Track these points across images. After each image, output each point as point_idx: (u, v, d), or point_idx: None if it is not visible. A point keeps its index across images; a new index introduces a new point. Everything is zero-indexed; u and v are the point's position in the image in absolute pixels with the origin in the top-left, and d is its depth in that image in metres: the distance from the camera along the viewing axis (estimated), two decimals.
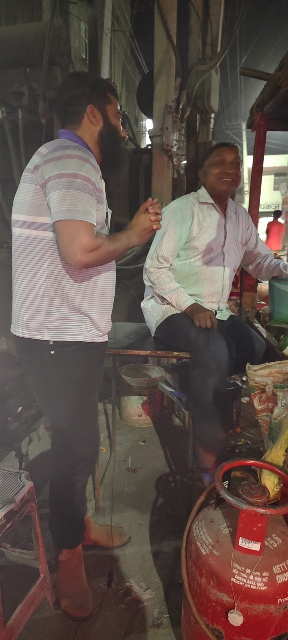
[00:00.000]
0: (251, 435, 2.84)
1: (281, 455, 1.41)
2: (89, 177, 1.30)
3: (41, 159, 1.33)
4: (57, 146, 1.34)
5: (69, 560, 1.62)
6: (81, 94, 1.46)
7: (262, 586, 1.09)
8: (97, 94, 1.48)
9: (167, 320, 2.10)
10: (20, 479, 1.46)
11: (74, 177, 1.27)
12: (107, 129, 1.50)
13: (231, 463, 1.32)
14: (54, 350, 1.40)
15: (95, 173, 1.35)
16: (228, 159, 2.08)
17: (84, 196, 1.28)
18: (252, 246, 2.37)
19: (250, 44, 26.55)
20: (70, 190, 1.26)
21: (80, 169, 1.29)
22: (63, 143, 1.36)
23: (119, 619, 1.54)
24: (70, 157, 1.30)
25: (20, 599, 1.43)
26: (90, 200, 1.30)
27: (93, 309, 1.46)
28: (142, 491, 2.26)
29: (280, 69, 2.04)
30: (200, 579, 1.18)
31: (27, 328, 1.40)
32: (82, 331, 1.44)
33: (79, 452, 1.52)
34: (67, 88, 1.47)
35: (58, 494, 1.58)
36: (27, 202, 1.36)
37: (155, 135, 4.05)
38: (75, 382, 1.45)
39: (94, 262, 1.31)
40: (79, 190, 1.27)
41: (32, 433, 2.78)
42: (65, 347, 1.41)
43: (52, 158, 1.30)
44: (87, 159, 1.32)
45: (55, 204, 1.27)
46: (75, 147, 1.35)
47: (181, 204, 2.14)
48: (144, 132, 12.54)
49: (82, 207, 1.27)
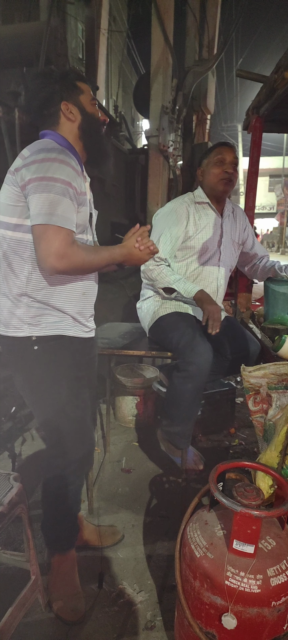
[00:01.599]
0: (245, 436, 2.84)
1: (275, 456, 1.41)
2: (70, 181, 1.29)
3: (22, 161, 1.32)
4: (40, 148, 1.32)
5: (62, 563, 1.60)
6: (52, 93, 1.43)
7: (256, 589, 1.08)
8: (67, 88, 1.45)
9: (157, 322, 2.10)
10: (9, 481, 1.44)
11: (54, 181, 1.26)
12: (85, 121, 1.47)
13: (225, 465, 1.31)
14: (37, 345, 1.38)
15: (76, 177, 1.33)
16: (228, 159, 2.08)
17: (64, 201, 1.27)
18: (249, 247, 2.37)
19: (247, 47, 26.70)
20: (50, 194, 1.25)
21: (61, 173, 1.27)
22: (47, 145, 1.34)
23: (111, 622, 1.52)
24: (52, 159, 1.28)
25: (11, 602, 1.42)
26: (71, 206, 1.29)
27: (74, 309, 1.45)
28: (136, 492, 2.25)
29: (276, 71, 2.04)
30: (194, 582, 1.17)
31: (9, 326, 1.39)
32: (66, 325, 1.43)
33: (70, 452, 1.49)
34: (37, 90, 1.43)
35: (50, 496, 1.56)
36: (9, 204, 1.34)
37: (152, 136, 4.06)
38: (60, 377, 1.43)
39: (67, 269, 1.29)
40: (58, 195, 1.26)
41: (25, 433, 2.76)
42: (49, 341, 1.40)
43: (33, 160, 1.29)
44: (69, 163, 1.31)
45: (35, 207, 1.26)
46: (59, 150, 1.33)
47: (175, 205, 2.13)
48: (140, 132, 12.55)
49: (61, 212, 1.26)
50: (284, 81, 1.95)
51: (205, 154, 2.19)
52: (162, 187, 4.11)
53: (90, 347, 1.59)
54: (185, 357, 1.86)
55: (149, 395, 2.97)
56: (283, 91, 2.04)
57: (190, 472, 2.15)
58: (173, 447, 2.01)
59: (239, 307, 2.71)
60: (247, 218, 2.40)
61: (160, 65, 3.99)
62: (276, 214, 28.45)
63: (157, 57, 4.00)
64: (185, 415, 1.91)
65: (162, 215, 2.14)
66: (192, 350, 1.85)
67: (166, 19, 3.93)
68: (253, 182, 2.68)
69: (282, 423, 1.40)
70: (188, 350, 1.85)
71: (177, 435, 1.96)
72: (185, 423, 1.92)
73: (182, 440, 1.96)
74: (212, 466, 1.31)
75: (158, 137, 3.97)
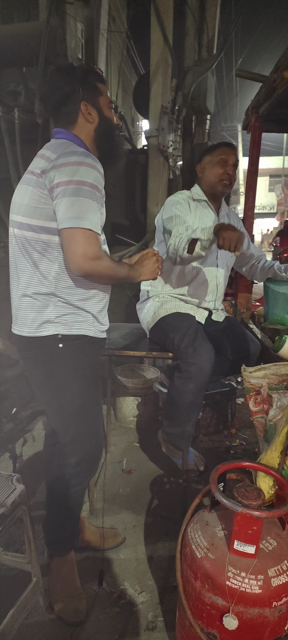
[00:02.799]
0: (246, 437, 2.84)
1: (276, 457, 1.41)
2: (97, 184, 1.31)
3: (49, 163, 1.32)
4: (65, 151, 1.33)
5: (62, 565, 1.60)
6: (72, 91, 1.42)
7: (257, 589, 1.08)
8: (87, 88, 1.44)
9: (158, 323, 2.09)
10: (11, 482, 1.44)
11: (82, 185, 1.27)
12: (102, 124, 1.48)
13: (226, 465, 1.31)
14: (62, 343, 1.40)
15: (100, 178, 1.34)
16: (230, 160, 2.07)
17: (92, 204, 1.29)
18: (245, 247, 2.38)
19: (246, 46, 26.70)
20: (79, 198, 1.26)
21: (89, 176, 1.29)
22: (68, 147, 1.35)
23: (112, 622, 1.52)
24: (80, 163, 1.30)
25: (13, 603, 1.42)
26: (95, 207, 1.30)
27: (96, 308, 1.47)
28: (137, 493, 2.25)
29: (276, 71, 2.04)
30: (195, 582, 1.17)
31: (34, 327, 1.40)
32: (88, 326, 1.45)
33: (84, 450, 1.51)
34: (57, 86, 1.43)
35: (56, 495, 1.57)
36: (31, 205, 1.34)
37: (151, 136, 4.05)
38: (81, 375, 1.45)
39: (95, 271, 1.32)
40: (86, 198, 1.27)
41: (26, 434, 2.76)
42: (73, 340, 1.42)
43: (61, 163, 1.30)
44: (95, 166, 1.32)
45: (63, 211, 1.27)
46: (84, 153, 1.34)
47: (178, 197, 2.12)
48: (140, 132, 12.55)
49: (89, 216, 1.27)
50: (283, 81, 1.95)
51: (207, 151, 2.15)
52: (162, 187, 4.11)
53: (103, 347, 1.62)
54: (186, 358, 1.85)
55: (150, 396, 2.97)
56: (283, 91, 2.03)
57: (191, 473, 2.15)
58: (173, 448, 2.01)
59: (239, 308, 2.71)
60: (240, 221, 2.42)
61: (160, 65, 3.98)
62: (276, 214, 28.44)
63: (157, 58, 4.00)
64: (186, 416, 1.91)
65: (168, 204, 2.09)
66: (193, 350, 1.84)
67: (165, 19, 3.93)
68: (252, 182, 2.68)
69: (282, 423, 1.40)
70: (190, 351, 1.85)
71: (178, 436, 1.95)
72: (185, 424, 1.92)
73: (183, 441, 1.96)
74: (212, 467, 1.31)
75: (158, 137, 3.96)
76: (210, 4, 4.79)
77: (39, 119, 3.81)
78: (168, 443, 2.02)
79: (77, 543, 1.68)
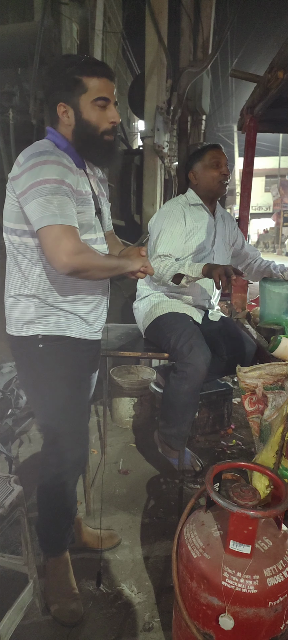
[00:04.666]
0: (242, 437, 2.85)
1: (271, 457, 1.41)
2: (62, 179, 1.26)
3: (19, 168, 1.30)
4: (31, 154, 1.28)
5: (57, 566, 1.60)
6: (53, 88, 1.35)
7: (253, 589, 1.08)
8: (67, 86, 1.33)
9: (154, 322, 2.10)
10: (9, 484, 1.44)
11: (45, 183, 1.23)
12: (79, 127, 1.36)
13: (221, 465, 1.31)
14: (42, 344, 1.40)
15: (70, 174, 1.30)
16: (223, 161, 2.11)
17: (61, 199, 1.25)
18: (239, 247, 2.40)
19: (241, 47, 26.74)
20: (47, 196, 1.23)
21: (51, 173, 1.24)
22: (38, 148, 1.30)
23: (109, 623, 1.52)
24: (42, 163, 1.25)
25: (9, 605, 1.41)
26: (69, 203, 1.27)
27: (83, 310, 1.46)
28: (133, 493, 2.25)
29: (270, 71, 2.04)
30: (191, 583, 1.17)
31: (18, 327, 1.41)
32: (73, 327, 1.44)
33: (66, 451, 1.50)
34: (44, 80, 1.42)
35: (44, 496, 1.57)
36: (13, 210, 1.35)
37: (147, 137, 4.06)
38: (62, 376, 1.44)
39: (79, 265, 1.27)
40: (54, 195, 1.24)
41: (22, 435, 2.76)
42: (54, 341, 1.41)
43: (23, 170, 1.27)
44: (60, 162, 1.27)
45: (34, 213, 1.24)
46: (49, 151, 1.29)
47: (171, 207, 2.13)
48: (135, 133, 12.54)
49: (61, 211, 1.24)
50: (278, 81, 1.95)
51: (196, 157, 2.17)
52: (157, 187, 4.12)
53: (96, 348, 1.60)
54: (182, 358, 1.86)
55: (146, 396, 2.97)
56: (277, 91, 2.04)
57: (187, 473, 2.15)
58: (169, 448, 2.01)
59: (235, 308, 2.71)
60: (234, 221, 2.44)
61: (155, 65, 3.99)
62: (272, 214, 28.56)
63: (152, 58, 4.00)
64: (182, 417, 1.91)
65: (159, 216, 2.13)
66: (189, 351, 1.84)
67: (160, 20, 3.94)
68: (248, 182, 2.69)
69: (277, 423, 1.41)
70: (186, 351, 1.85)
71: (174, 436, 1.96)
72: (181, 424, 1.92)
73: (179, 441, 1.96)
74: (209, 467, 1.31)
75: (153, 137, 3.97)
76: (205, 5, 4.80)
77: (34, 119, 3.81)
78: (164, 443, 2.03)
79: (72, 544, 1.68)
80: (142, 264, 1.46)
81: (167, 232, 2.05)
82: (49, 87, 1.39)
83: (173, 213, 2.09)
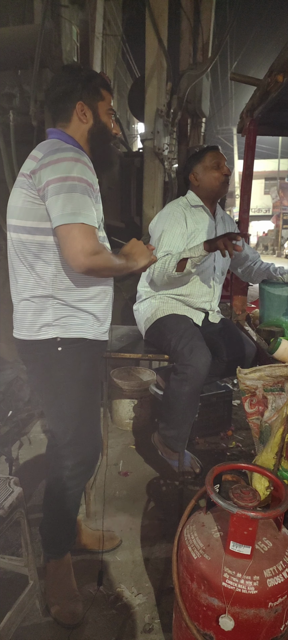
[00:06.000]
0: (242, 438, 2.85)
1: (271, 458, 1.41)
2: (84, 177, 1.29)
3: (37, 163, 1.31)
4: (55, 149, 1.31)
5: (58, 568, 1.60)
6: (72, 90, 1.43)
7: (253, 590, 1.09)
8: (88, 90, 1.45)
9: (154, 324, 2.10)
10: (9, 485, 1.44)
11: (72, 180, 1.26)
12: (96, 127, 1.47)
13: (222, 466, 1.32)
14: (61, 346, 1.40)
15: (89, 172, 1.33)
16: (222, 161, 2.13)
17: (83, 198, 1.27)
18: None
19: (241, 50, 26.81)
20: (71, 194, 1.25)
21: (77, 171, 1.28)
22: (55, 145, 1.34)
23: (109, 625, 1.52)
24: (68, 159, 1.28)
25: (9, 607, 1.41)
26: (89, 202, 1.29)
27: (96, 310, 1.47)
28: (133, 495, 2.25)
29: (269, 74, 2.05)
30: (191, 584, 1.18)
31: (33, 330, 1.40)
32: (88, 328, 1.45)
33: (82, 454, 1.50)
34: (58, 82, 1.45)
35: (53, 498, 1.57)
36: (25, 207, 1.34)
37: (147, 139, 4.06)
38: (80, 379, 1.45)
39: (96, 266, 1.29)
40: (76, 193, 1.26)
41: (23, 437, 2.76)
42: (72, 343, 1.41)
43: (49, 162, 1.28)
44: (79, 159, 1.31)
45: (55, 209, 1.26)
46: (68, 148, 1.33)
47: (172, 209, 2.14)
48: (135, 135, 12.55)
49: (82, 210, 1.26)
50: (277, 84, 1.96)
51: (195, 159, 2.18)
52: (157, 190, 4.12)
53: (104, 349, 1.62)
54: (183, 360, 1.86)
55: (146, 398, 2.98)
56: (277, 94, 2.05)
57: (187, 475, 2.15)
58: (169, 450, 2.02)
59: (235, 310, 2.72)
60: (234, 223, 2.45)
61: (155, 68, 3.99)
62: (272, 216, 28.61)
63: (151, 61, 4.01)
64: (182, 419, 1.91)
65: (160, 219, 2.14)
66: (190, 353, 1.85)
67: (160, 23, 3.94)
68: (247, 184, 2.69)
69: (277, 425, 1.41)
70: (187, 353, 1.85)
71: (174, 438, 1.96)
72: (181, 426, 1.93)
73: (179, 443, 1.96)
74: (209, 469, 1.31)
75: (153, 140, 3.97)
76: (205, 8, 4.81)
77: (34, 121, 3.81)
78: (164, 445, 2.03)
79: (73, 546, 1.68)
80: (148, 261, 1.50)
81: (168, 234, 2.05)
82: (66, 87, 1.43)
83: (174, 215, 2.10)
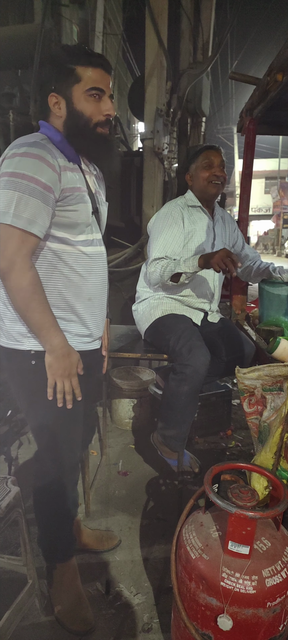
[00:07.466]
0: (242, 438, 2.85)
1: (270, 458, 1.41)
2: (39, 178, 1.18)
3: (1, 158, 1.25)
4: (14, 144, 1.23)
5: (64, 573, 1.56)
6: (45, 80, 1.29)
7: (251, 590, 1.09)
8: (60, 76, 1.27)
9: (153, 324, 2.10)
10: (6, 485, 1.44)
11: (21, 178, 1.16)
12: (70, 118, 1.29)
13: (220, 466, 1.32)
14: (34, 360, 1.32)
15: (49, 171, 1.21)
16: (216, 162, 2.10)
17: (31, 200, 1.17)
18: (239, 249, 2.40)
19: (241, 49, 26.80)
20: (12, 192, 1.16)
21: (30, 169, 1.17)
22: (23, 140, 1.24)
23: (108, 624, 1.52)
24: (23, 154, 1.18)
25: (8, 606, 1.41)
26: (40, 207, 1.19)
27: (79, 315, 1.39)
28: (132, 495, 2.25)
29: (269, 73, 2.05)
30: (190, 584, 1.18)
31: (9, 338, 1.34)
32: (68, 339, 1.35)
33: (59, 459, 1.45)
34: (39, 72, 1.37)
35: (42, 505, 1.53)
36: None
37: (147, 138, 4.06)
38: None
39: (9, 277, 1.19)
40: (22, 193, 1.16)
41: (22, 437, 2.76)
42: None
43: (4, 157, 1.21)
44: (44, 159, 1.19)
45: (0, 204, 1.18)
46: (35, 144, 1.21)
47: (169, 209, 2.14)
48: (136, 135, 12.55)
49: (23, 213, 1.17)
50: (277, 83, 1.96)
51: (191, 159, 2.19)
52: (157, 189, 4.12)
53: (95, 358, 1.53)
54: (182, 359, 1.86)
55: (146, 397, 2.97)
56: (276, 93, 2.05)
57: (186, 474, 2.15)
58: (168, 450, 2.02)
59: (234, 309, 2.72)
60: (235, 222, 2.44)
61: (155, 68, 3.99)
62: (272, 215, 28.61)
63: (151, 60, 4.00)
64: (181, 418, 1.91)
65: (158, 219, 2.14)
66: (189, 352, 1.85)
67: (160, 22, 3.94)
68: (247, 184, 2.69)
69: (276, 425, 1.41)
70: (186, 353, 1.85)
71: (173, 438, 1.96)
72: (180, 426, 1.93)
73: (178, 442, 1.96)
74: (208, 468, 1.31)
75: (153, 139, 3.97)
76: (205, 7, 4.81)
77: (34, 121, 3.81)
78: (163, 445, 2.03)
79: (74, 549, 1.66)
80: None
81: (165, 235, 2.05)
82: (41, 79, 1.35)
83: (171, 215, 2.10)
